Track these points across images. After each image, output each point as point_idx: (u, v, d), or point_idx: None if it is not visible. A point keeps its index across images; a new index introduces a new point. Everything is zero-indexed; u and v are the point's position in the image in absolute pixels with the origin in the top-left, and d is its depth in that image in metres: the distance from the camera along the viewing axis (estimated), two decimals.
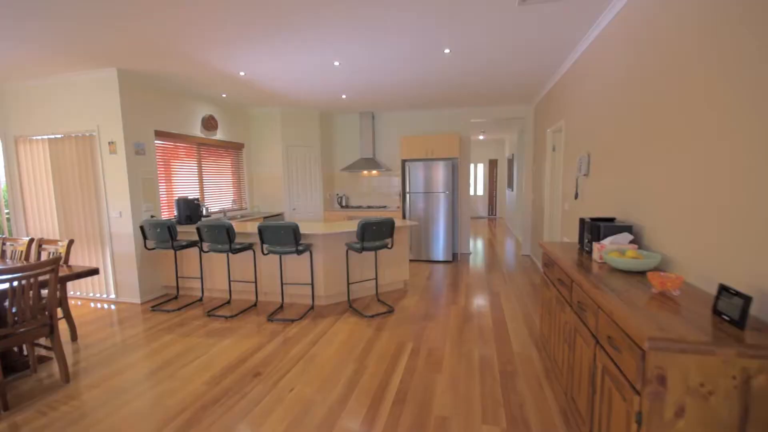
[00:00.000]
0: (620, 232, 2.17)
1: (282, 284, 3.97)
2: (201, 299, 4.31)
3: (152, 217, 4.35)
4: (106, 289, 4.37)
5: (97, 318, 3.83)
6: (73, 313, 3.98)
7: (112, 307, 4.18)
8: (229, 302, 4.19)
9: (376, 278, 4.08)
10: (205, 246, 3.89)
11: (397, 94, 5.26)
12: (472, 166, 12.31)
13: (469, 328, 3.34)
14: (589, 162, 3.20)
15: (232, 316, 3.74)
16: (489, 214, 12.49)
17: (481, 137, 10.97)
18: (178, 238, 4.23)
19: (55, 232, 4.46)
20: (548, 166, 4.92)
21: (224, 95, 5.16)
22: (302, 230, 3.73)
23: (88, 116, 4.12)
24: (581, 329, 1.82)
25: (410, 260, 6.10)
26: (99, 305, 4.23)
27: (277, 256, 4.02)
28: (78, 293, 4.50)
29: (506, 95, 5.43)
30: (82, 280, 4.43)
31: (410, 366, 2.70)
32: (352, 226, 3.95)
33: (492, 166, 12.22)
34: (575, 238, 3.60)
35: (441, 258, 5.96)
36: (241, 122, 6.03)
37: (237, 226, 4.11)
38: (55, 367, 2.81)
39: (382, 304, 3.99)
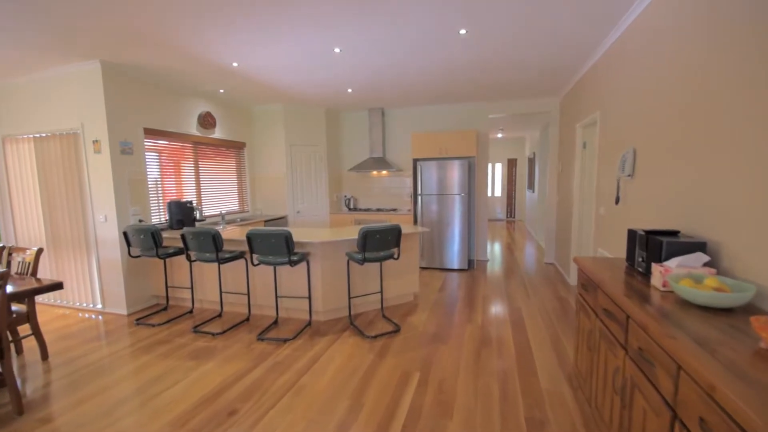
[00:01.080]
0: (691, 251, 1.65)
1: (276, 297, 3.57)
2: (191, 311, 3.96)
3: (140, 221, 4.03)
4: (92, 298, 4.07)
5: (78, 331, 3.52)
6: (56, 324, 3.68)
7: (100, 318, 3.88)
8: (220, 315, 3.82)
9: (381, 292, 3.64)
10: (192, 255, 3.52)
11: (407, 86, 4.80)
12: (489, 165, 11.71)
13: (486, 355, 2.85)
14: (634, 160, 2.67)
15: (219, 333, 3.36)
16: (508, 217, 11.86)
17: (499, 135, 10.38)
18: (165, 245, 3.89)
19: (41, 236, 4.20)
20: (578, 165, 4.37)
21: (222, 91, 4.82)
22: (297, 238, 3.32)
23: (71, 113, 3.82)
24: (645, 388, 1.33)
25: (422, 268, 5.63)
26: (86, 316, 3.94)
27: (270, 267, 3.62)
28: (65, 302, 4.22)
29: (529, 86, 4.90)
30: (68, 289, 4.15)
31: (415, 405, 2.24)
32: (354, 233, 3.52)
33: (511, 165, 11.60)
34: (615, 251, 3.06)
35: (456, 266, 5.46)
36: (242, 120, 5.69)
37: (227, 233, 3.73)
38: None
39: (387, 321, 3.54)
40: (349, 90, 4.91)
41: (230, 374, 2.66)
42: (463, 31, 3.08)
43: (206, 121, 4.88)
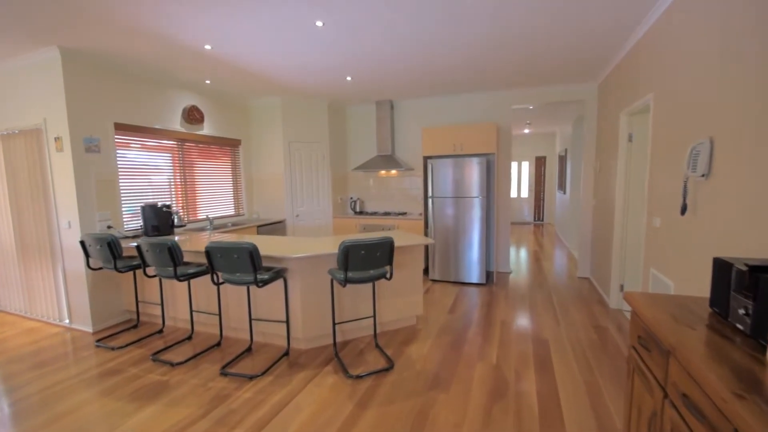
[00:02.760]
0: None
1: (250, 320, 3.02)
2: (161, 331, 3.48)
3: (109, 228, 3.60)
4: (58, 313, 3.68)
5: (32, 353, 3.11)
6: (16, 342, 3.31)
7: (67, 335, 3.48)
8: (190, 337, 3.32)
9: (374, 316, 3.01)
10: (151, 269, 3.03)
11: (415, 73, 4.14)
12: (514, 164, 10.82)
13: (499, 413, 2.16)
14: (711, 154, 1.91)
15: (180, 363, 2.84)
16: (535, 220, 10.91)
17: (526, 131, 9.48)
18: (125, 255, 3.43)
19: (11, 243, 3.86)
20: (621, 162, 3.56)
21: (208, 82, 4.34)
22: (269, 251, 2.74)
23: (33, 107, 3.44)
24: None
25: (433, 280, 4.95)
26: (52, 332, 3.55)
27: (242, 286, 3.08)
28: (36, 315, 3.86)
29: (560, 70, 4.12)
30: (36, 300, 3.79)
31: None
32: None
33: (539, 163, 10.64)
34: (681, 278, 2.29)
35: (472, 279, 4.75)
36: (236, 115, 5.21)
37: (191, 245, 3.22)
38: None
39: (379, 353, 2.91)
40: (349, 78, 4.30)
41: (169, 426, 2.11)
42: None
43: (192, 115, 4.42)
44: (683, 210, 2.10)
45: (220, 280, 2.94)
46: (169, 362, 2.85)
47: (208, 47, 3.26)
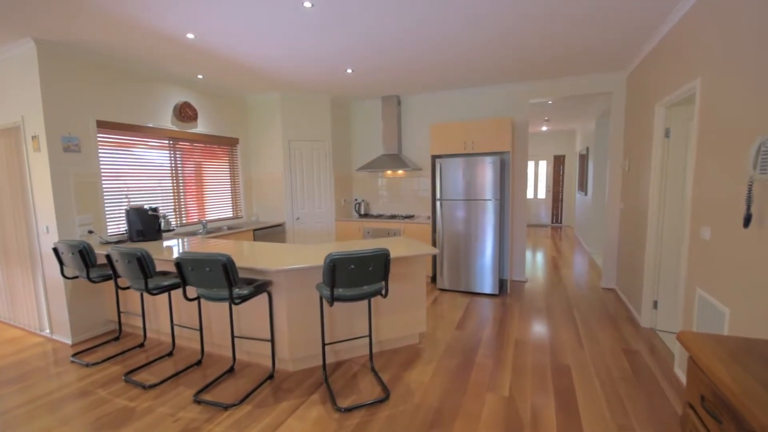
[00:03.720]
0: None
1: (233, 338, 2.72)
2: (142, 344, 3.22)
3: (90, 233, 3.36)
4: (39, 323, 3.47)
5: (4, 368, 2.89)
6: None
7: (47, 347, 3.25)
8: (171, 354, 3.04)
9: (369, 336, 2.65)
10: (125, 280, 2.76)
11: (422, 61, 3.77)
12: (531, 164, 10.30)
13: None
14: None
15: (153, 386, 2.55)
16: (553, 222, 10.36)
17: (544, 128, 8.97)
18: (99, 263, 3.17)
19: None
20: (656, 161, 3.12)
21: (200, 77, 4.07)
22: (248, 263, 2.43)
23: (11, 104, 3.23)
24: None
25: (441, 290, 4.57)
26: (33, 342, 3.34)
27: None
28: (20, 324, 3.67)
29: (584, 58, 3.68)
30: (19, 308, 3.59)
31: None
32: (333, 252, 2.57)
33: (557, 163, 10.09)
34: (743, 306, 1.85)
35: (484, 289, 4.34)
36: (233, 113, 4.94)
37: (172, 252, 2.93)
38: None
39: (374, 379, 2.56)
40: (349, 71, 3.96)
41: None
42: None
43: (184, 112, 4.16)
44: (747, 221, 1.68)
45: (195, 295, 2.64)
46: (142, 384, 2.56)
47: (190, 36, 2.97)
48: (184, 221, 4.35)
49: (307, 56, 3.50)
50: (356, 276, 2.15)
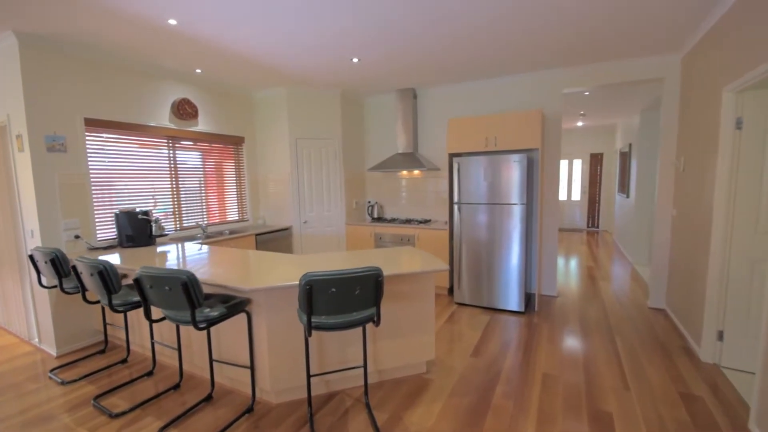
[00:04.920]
0: None
1: (211, 362, 2.39)
2: (125, 360, 2.97)
3: (77, 238, 3.16)
4: (28, 331, 3.31)
5: None
6: None
7: (35, 357, 3.09)
8: (151, 373, 2.76)
9: (364, 366, 2.24)
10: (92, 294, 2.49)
11: (439, 48, 3.32)
12: (564, 162, 9.52)
13: None
14: None
15: (120, 414, 2.27)
16: (588, 226, 9.53)
17: (579, 124, 8.21)
18: (71, 274, 2.93)
19: None
20: (724, 159, 2.51)
21: (198, 71, 3.81)
22: (222, 281, 2.08)
23: None
24: None
25: (458, 304, 4.09)
26: (22, 351, 3.19)
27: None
28: (13, 330, 3.54)
29: (629, 37, 3.10)
30: (12, 315, 3.46)
31: None
32: (336, 263, 2.18)
33: (594, 161, 9.26)
34: None
35: (509, 305, 3.83)
36: (238, 110, 4.68)
37: (148, 262, 2.64)
38: None
39: (368, 420, 2.15)
40: (355, 60, 3.57)
41: None
42: None
43: (183, 110, 3.92)
44: None
45: (156, 316, 2.32)
46: (109, 412, 2.28)
47: (172, 22, 2.67)
48: (185, 224, 4.12)
49: (305, 42, 3.14)
50: (339, 301, 1.74)
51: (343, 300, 1.74)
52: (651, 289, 3.89)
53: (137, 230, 3.31)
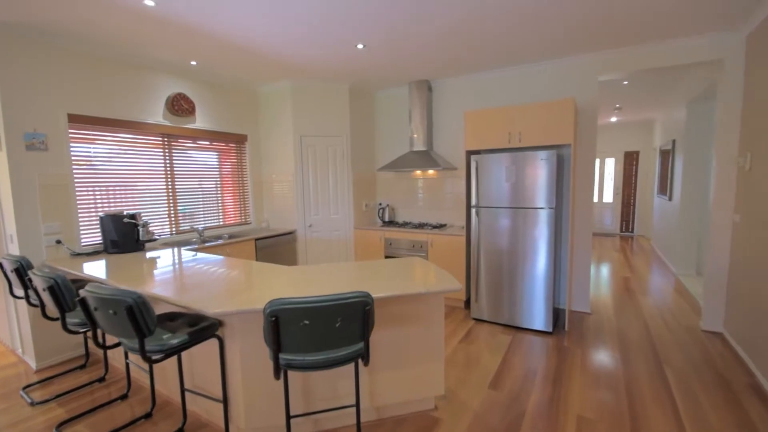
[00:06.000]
0: None
1: (182, 391, 2.07)
2: (103, 378, 2.71)
3: (58, 242, 2.93)
4: (12, 341, 3.12)
5: None
6: None
7: (18, 369, 2.90)
8: (126, 396, 2.48)
9: (357, 405, 1.85)
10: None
11: (453, 35, 2.90)
12: (595, 161, 8.80)
13: None
14: None
15: None
16: (622, 230, 8.79)
17: (613, 119, 7.54)
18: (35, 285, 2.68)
19: None
20: None
21: (193, 63, 3.54)
22: (185, 302, 1.74)
23: None
24: None
25: (475, 319, 3.64)
26: (9, 362, 3.00)
27: None
28: (3, 339, 3.37)
29: (679, 14, 2.57)
30: (1, 323, 3.29)
31: None
32: (312, 287, 1.81)
33: (629, 160, 8.53)
34: None
35: (534, 324, 3.35)
36: (240, 105, 4.40)
37: (125, 273, 2.35)
38: None
39: None
40: (360, 46, 3.19)
41: None
42: None
43: (178, 105, 3.66)
44: None
45: (111, 342, 2.01)
46: None
47: (149, 3, 2.38)
48: (181, 228, 3.87)
49: (301, 26, 2.79)
50: (316, 335, 1.37)
51: (320, 334, 1.37)
52: (704, 308, 3.31)
53: (123, 235, 3.05)
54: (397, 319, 2.05)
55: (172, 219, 3.79)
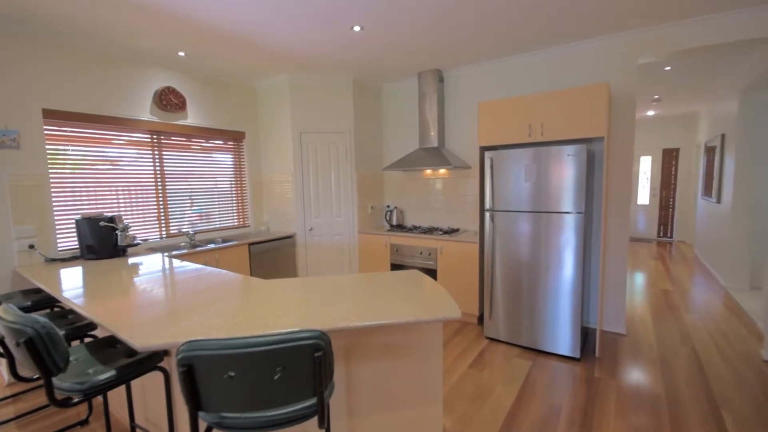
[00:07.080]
0: None
1: (132, 425, 1.77)
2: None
3: (31, 247, 2.72)
4: None
5: None
6: None
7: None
8: (86, 421, 2.21)
9: None
10: None
11: (466, 14, 2.49)
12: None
13: None
14: None
15: None
16: (659, 235, 8.04)
17: (650, 113, 6.86)
18: (30, 289, 2.45)
19: None
20: None
21: (181, 53, 3.28)
22: (115, 328, 1.42)
23: None
24: None
25: (489, 339, 3.20)
26: None
27: None
28: None
29: None
30: None
31: None
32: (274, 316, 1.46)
33: (667, 158, 7.77)
34: None
35: (558, 348, 2.88)
36: (237, 101, 4.13)
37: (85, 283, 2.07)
38: None
39: None
40: (357, 28, 2.83)
41: None
42: None
43: (167, 100, 3.42)
44: None
45: (25, 376, 1.70)
46: None
47: None
48: (172, 231, 3.63)
49: (291, 2, 2.45)
50: (246, 389, 1.01)
51: (253, 388, 1.00)
52: (767, 333, 2.75)
53: (100, 240, 2.82)
54: (382, 352, 1.67)
55: (162, 222, 3.55)
